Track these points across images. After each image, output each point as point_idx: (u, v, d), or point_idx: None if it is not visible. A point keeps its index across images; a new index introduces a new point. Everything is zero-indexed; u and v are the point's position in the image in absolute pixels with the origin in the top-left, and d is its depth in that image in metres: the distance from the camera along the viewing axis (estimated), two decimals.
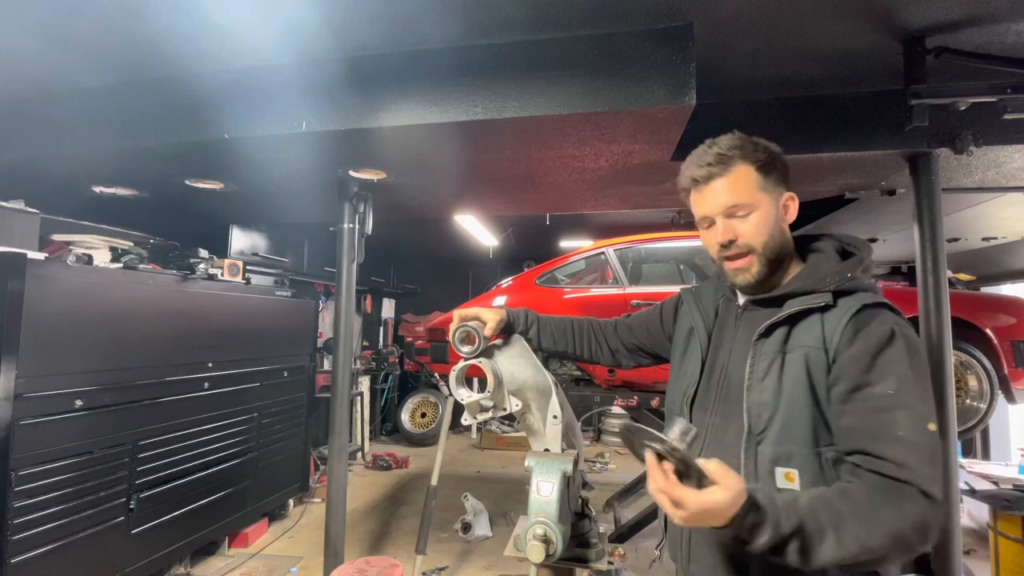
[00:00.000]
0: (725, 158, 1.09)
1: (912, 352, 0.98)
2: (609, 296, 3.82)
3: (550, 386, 1.41)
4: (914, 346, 0.99)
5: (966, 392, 3.34)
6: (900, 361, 0.96)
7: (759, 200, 1.08)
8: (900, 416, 0.92)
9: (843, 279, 1.05)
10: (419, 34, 1.97)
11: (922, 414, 0.93)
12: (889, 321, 1.00)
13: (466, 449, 6.82)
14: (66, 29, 1.96)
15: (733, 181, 1.08)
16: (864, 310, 1.01)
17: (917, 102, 1.99)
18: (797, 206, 1.13)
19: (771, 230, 1.09)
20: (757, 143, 1.11)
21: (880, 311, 1.01)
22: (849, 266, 1.08)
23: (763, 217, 1.08)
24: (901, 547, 0.87)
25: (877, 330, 0.98)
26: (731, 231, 1.09)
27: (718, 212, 1.10)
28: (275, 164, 2.72)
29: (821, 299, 1.04)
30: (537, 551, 1.15)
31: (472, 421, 1.40)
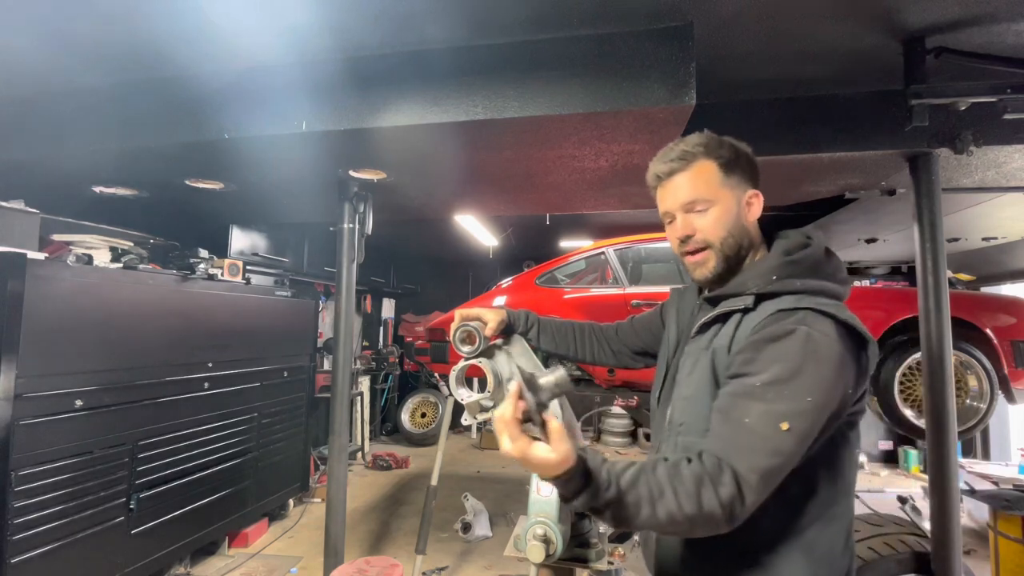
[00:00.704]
0: (688, 155, 1.10)
1: (804, 353, 0.93)
2: (609, 296, 3.82)
3: None
4: (811, 347, 0.93)
5: (966, 392, 3.34)
6: (785, 359, 0.93)
7: (719, 196, 1.09)
8: (755, 407, 0.92)
9: (766, 282, 1.04)
10: (419, 34, 1.97)
11: (779, 412, 0.90)
12: (795, 321, 0.96)
13: (466, 449, 6.82)
14: (66, 29, 1.96)
15: (694, 176, 1.10)
16: (777, 314, 0.99)
17: (917, 102, 1.99)
18: (761, 204, 1.13)
19: (730, 226, 1.09)
20: (723, 141, 1.12)
21: (793, 313, 0.97)
22: (776, 268, 1.05)
23: (722, 213, 1.09)
24: (707, 523, 0.87)
25: (773, 329, 0.97)
26: (689, 226, 1.10)
27: (677, 207, 1.12)
28: (275, 164, 2.72)
29: (742, 302, 1.05)
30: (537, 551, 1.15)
31: (472, 421, 1.40)
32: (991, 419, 3.39)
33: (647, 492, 0.88)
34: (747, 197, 1.11)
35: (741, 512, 0.87)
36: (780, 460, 0.89)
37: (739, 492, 0.87)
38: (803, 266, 1.05)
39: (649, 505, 0.87)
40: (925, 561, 2.21)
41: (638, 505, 0.87)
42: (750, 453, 0.89)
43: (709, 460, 0.89)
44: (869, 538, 2.31)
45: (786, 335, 0.95)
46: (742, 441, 0.90)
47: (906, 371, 3.38)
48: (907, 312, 3.37)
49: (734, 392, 0.96)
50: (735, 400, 0.95)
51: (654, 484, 0.88)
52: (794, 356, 0.93)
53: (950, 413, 2.19)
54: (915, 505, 4.35)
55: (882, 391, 3.41)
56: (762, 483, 0.88)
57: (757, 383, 0.93)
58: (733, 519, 0.87)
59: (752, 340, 0.98)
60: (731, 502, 0.86)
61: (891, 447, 6.35)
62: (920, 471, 5.85)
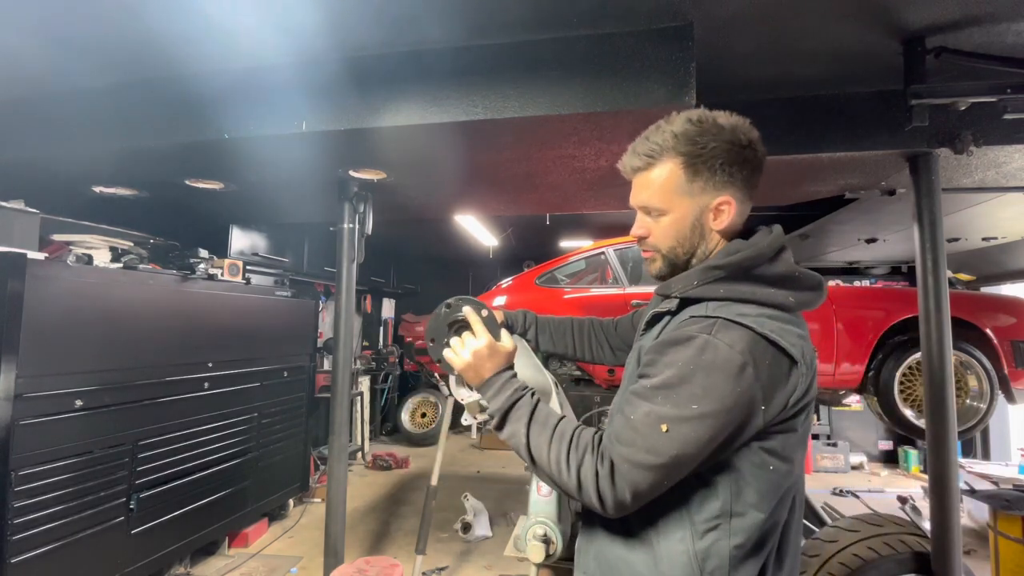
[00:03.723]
0: (655, 151, 1.02)
1: (696, 362, 0.91)
2: (609, 296, 3.82)
3: (550, 386, 1.41)
4: (706, 357, 0.91)
5: (966, 392, 3.34)
6: (674, 365, 0.93)
7: (673, 205, 1.03)
8: (642, 406, 0.94)
9: (687, 287, 1.01)
10: (419, 34, 1.97)
11: (662, 415, 0.91)
12: (699, 329, 0.94)
13: (466, 449, 6.82)
14: (66, 29, 1.96)
15: (653, 180, 1.03)
16: (688, 320, 0.98)
17: (917, 102, 1.98)
18: (734, 210, 1.02)
19: (681, 236, 1.04)
20: (705, 131, 1.00)
21: (703, 321, 0.95)
22: (699, 273, 1.01)
23: (674, 222, 1.04)
24: (580, 492, 0.95)
25: (678, 332, 0.96)
26: (643, 227, 1.09)
27: (635, 206, 1.10)
28: (275, 164, 2.72)
29: (667, 306, 1.05)
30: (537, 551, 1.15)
31: (472, 421, 1.40)
32: (991, 419, 3.39)
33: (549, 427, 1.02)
34: (715, 204, 1.02)
35: (610, 497, 0.93)
36: (655, 459, 0.91)
37: (612, 478, 0.92)
38: (731, 269, 0.99)
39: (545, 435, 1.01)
40: (925, 561, 2.21)
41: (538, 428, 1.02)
42: (628, 446, 0.93)
43: (600, 441, 0.98)
44: (869, 538, 2.32)
45: (685, 341, 0.94)
46: (625, 435, 0.94)
47: (906, 371, 3.38)
48: (907, 312, 3.37)
49: (633, 391, 0.98)
50: (629, 398, 0.98)
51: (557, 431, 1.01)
52: (686, 364, 0.92)
53: (950, 413, 2.19)
54: (915, 505, 4.36)
55: (882, 391, 3.41)
56: (635, 475, 0.91)
57: (649, 385, 0.95)
58: (603, 501, 0.93)
59: (656, 343, 0.99)
60: (602, 483, 0.93)
61: (891, 447, 6.35)
62: (920, 471, 5.85)
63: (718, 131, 1.00)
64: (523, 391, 1.08)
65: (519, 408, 1.06)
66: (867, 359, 3.44)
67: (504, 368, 1.13)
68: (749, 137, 1.02)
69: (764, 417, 0.92)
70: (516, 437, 1.04)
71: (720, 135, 1.00)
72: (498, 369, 1.12)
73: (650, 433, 0.92)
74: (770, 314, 0.96)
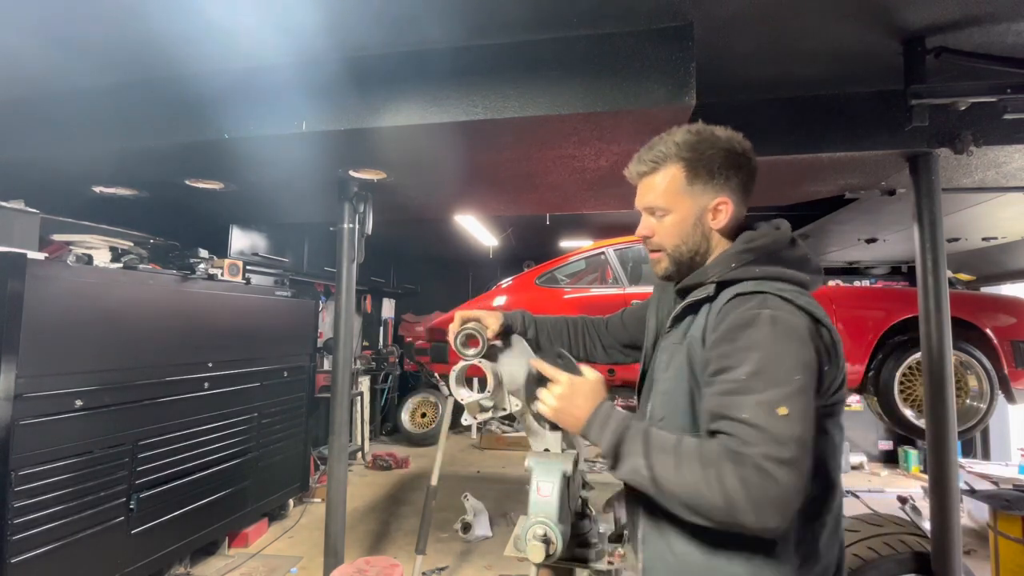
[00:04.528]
0: (660, 158, 1.12)
1: (778, 337, 0.95)
2: (609, 296, 3.82)
3: None
4: (784, 330, 0.95)
5: (966, 392, 3.34)
6: (757, 346, 0.94)
7: (677, 205, 1.12)
8: (747, 401, 0.92)
9: (724, 270, 1.07)
10: (419, 34, 1.97)
11: (771, 399, 0.91)
12: (757, 305, 0.98)
13: (466, 449, 6.82)
14: (66, 29, 1.96)
15: (658, 182, 1.13)
16: (736, 298, 1.01)
17: (917, 102, 1.99)
18: (731, 210, 1.11)
19: (685, 234, 1.12)
20: (703, 139, 1.10)
21: (752, 297, 0.99)
22: (732, 257, 1.08)
23: (677, 221, 1.12)
24: (734, 509, 0.87)
25: (739, 316, 0.98)
26: (647, 227, 1.17)
27: (641, 208, 1.18)
28: (275, 164, 2.72)
29: (703, 292, 1.08)
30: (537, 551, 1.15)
31: (472, 421, 1.40)
32: (991, 419, 3.39)
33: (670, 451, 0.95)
34: (714, 205, 1.11)
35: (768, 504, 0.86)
36: (789, 451, 0.88)
37: (762, 483, 0.86)
38: (761, 252, 1.07)
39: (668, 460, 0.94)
40: (925, 561, 2.21)
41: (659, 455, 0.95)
42: (757, 445, 0.88)
43: (719, 446, 0.92)
44: (869, 538, 2.32)
45: (752, 321, 0.96)
46: (749, 436, 0.89)
47: (906, 371, 3.38)
48: (907, 312, 3.37)
49: (725, 391, 0.95)
50: (729, 399, 0.94)
51: (683, 451, 0.95)
52: (767, 341, 0.94)
53: (950, 413, 2.19)
54: (915, 505, 4.36)
55: (882, 391, 3.41)
56: (780, 474, 0.86)
57: (742, 376, 0.94)
58: (759, 511, 0.86)
59: (722, 333, 0.99)
60: (754, 491, 0.86)
61: (891, 447, 6.35)
62: (920, 471, 5.85)
63: (715, 140, 1.11)
64: (627, 421, 1.02)
65: (630, 441, 0.99)
66: (867, 359, 3.44)
67: (600, 403, 1.06)
68: (743, 147, 1.13)
69: (827, 381, 0.99)
70: (636, 473, 0.97)
71: (717, 143, 1.10)
72: (593, 406, 1.06)
73: (772, 423, 0.89)
74: (799, 291, 1.03)
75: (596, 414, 1.05)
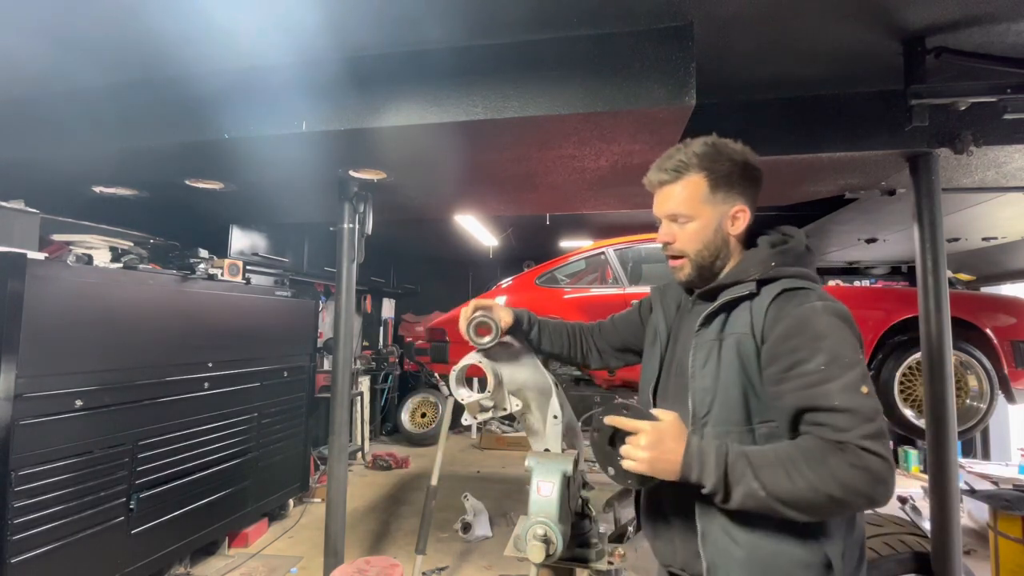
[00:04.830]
0: (681, 167, 1.18)
1: (837, 324, 1.03)
2: (609, 296, 3.82)
3: (550, 386, 1.41)
4: (839, 317, 1.04)
5: (966, 392, 3.34)
6: (825, 336, 1.02)
7: (700, 212, 1.17)
8: (833, 387, 0.98)
9: (765, 268, 1.13)
10: (419, 34, 1.97)
11: (853, 381, 0.98)
12: (810, 300, 1.06)
13: (466, 449, 6.82)
14: (66, 29, 1.96)
15: (680, 190, 1.18)
16: (783, 293, 1.08)
17: (917, 102, 1.99)
18: (748, 217, 1.19)
19: (706, 240, 1.18)
20: (722, 154, 1.17)
21: (800, 292, 1.08)
22: (771, 256, 1.15)
23: (700, 228, 1.18)
24: (853, 494, 0.94)
25: (798, 310, 1.05)
26: (669, 235, 1.21)
27: (663, 216, 1.22)
28: (275, 164, 2.72)
29: (745, 288, 1.12)
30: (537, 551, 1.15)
31: (472, 421, 1.40)
32: (991, 419, 3.39)
33: (777, 456, 0.98)
34: (732, 212, 1.18)
35: (881, 483, 0.94)
36: (879, 423, 0.97)
37: (874, 460, 0.93)
38: (791, 256, 1.16)
39: (783, 467, 0.96)
40: (925, 561, 2.21)
41: (772, 468, 0.97)
42: (855, 428, 0.95)
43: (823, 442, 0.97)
44: (869, 538, 2.31)
45: (812, 314, 1.04)
46: (842, 421, 0.96)
47: (906, 371, 3.38)
48: (907, 312, 3.37)
49: (807, 384, 1.00)
50: (814, 391, 0.99)
51: (782, 451, 0.99)
52: (831, 329, 1.02)
53: (950, 413, 2.19)
54: (915, 505, 4.36)
55: (882, 391, 3.41)
56: (880, 448, 0.94)
57: (821, 365, 1.00)
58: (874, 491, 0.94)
59: (786, 328, 1.04)
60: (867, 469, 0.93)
61: (891, 447, 6.34)
62: (920, 471, 5.85)
63: (733, 153, 1.18)
64: (722, 449, 1.01)
65: (735, 468, 0.99)
66: (867, 359, 3.43)
67: (688, 441, 1.03)
68: (755, 160, 1.21)
69: None
70: (751, 497, 0.97)
71: (735, 156, 1.18)
72: (683, 446, 1.03)
73: (860, 403, 0.97)
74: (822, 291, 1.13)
75: (690, 453, 1.02)
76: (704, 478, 1.00)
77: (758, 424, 1.08)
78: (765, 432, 1.08)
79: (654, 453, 1.02)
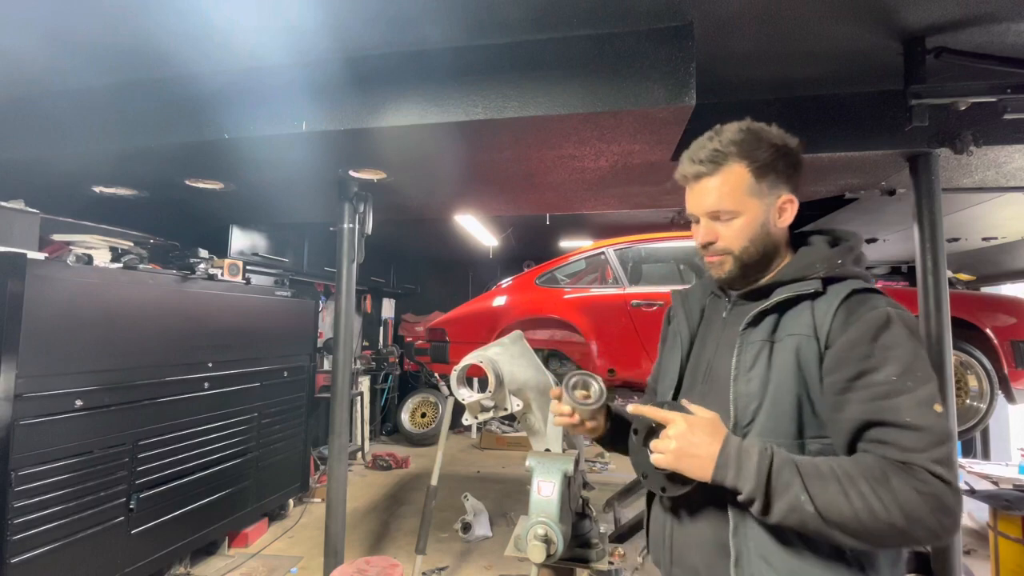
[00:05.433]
0: (719, 156, 1.05)
1: (910, 334, 0.94)
2: (609, 296, 3.82)
3: (551, 386, 1.41)
4: (911, 328, 0.95)
5: (966, 392, 3.34)
6: (899, 345, 0.92)
7: (745, 206, 1.05)
8: (904, 401, 0.88)
9: (832, 266, 1.03)
10: (419, 34, 1.97)
11: (926, 397, 0.89)
12: (882, 305, 0.96)
13: (466, 449, 6.82)
14: (66, 29, 1.96)
15: (720, 183, 1.05)
16: (854, 295, 0.97)
17: (917, 102, 1.99)
18: (796, 208, 1.09)
19: (753, 236, 1.06)
20: (761, 138, 1.06)
21: (871, 296, 0.98)
22: (839, 253, 1.05)
23: (747, 223, 1.06)
24: (915, 524, 0.83)
25: (871, 315, 0.94)
26: (711, 233, 1.08)
27: (702, 213, 1.09)
28: (275, 164, 2.72)
29: (810, 286, 1.01)
30: (538, 551, 1.15)
31: (472, 421, 1.40)
32: (991, 419, 3.39)
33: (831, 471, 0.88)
34: (780, 203, 1.07)
35: (950, 515, 0.84)
36: (950, 447, 0.88)
37: (942, 488, 0.84)
38: (854, 255, 1.07)
39: (837, 483, 0.86)
40: (925, 561, 2.21)
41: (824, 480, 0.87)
42: (925, 450, 0.86)
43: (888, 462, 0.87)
44: None
45: (886, 320, 0.93)
46: (910, 441, 0.87)
47: None
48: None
49: (876, 395, 0.90)
50: (883, 404, 0.90)
51: (840, 465, 0.88)
52: (905, 338, 0.93)
53: (950, 413, 2.19)
54: None
55: None
56: (950, 476, 0.85)
57: (893, 376, 0.90)
58: (942, 523, 0.84)
59: (856, 333, 0.93)
60: (936, 498, 0.84)
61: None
62: None
63: (773, 137, 1.07)
64: (767, 451, 0.91)
65: (780, 473, 0.89)
66: None
67: (725, 437, 0.94)
68: (795, 144, 1.10)
69: None
70: (797, 511, 0.87)
71: (775, 140, 1.07)
72: (719, 442, 0.93)
73: (933, 422, 0.87)
74: None
75: (727, 450, 0.92)
76: (741, 481, 0.90)
77: (810, 439, 0.96)
78: (817, 449, 0.96)
79: (682, 444, 0.94)
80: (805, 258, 1.08)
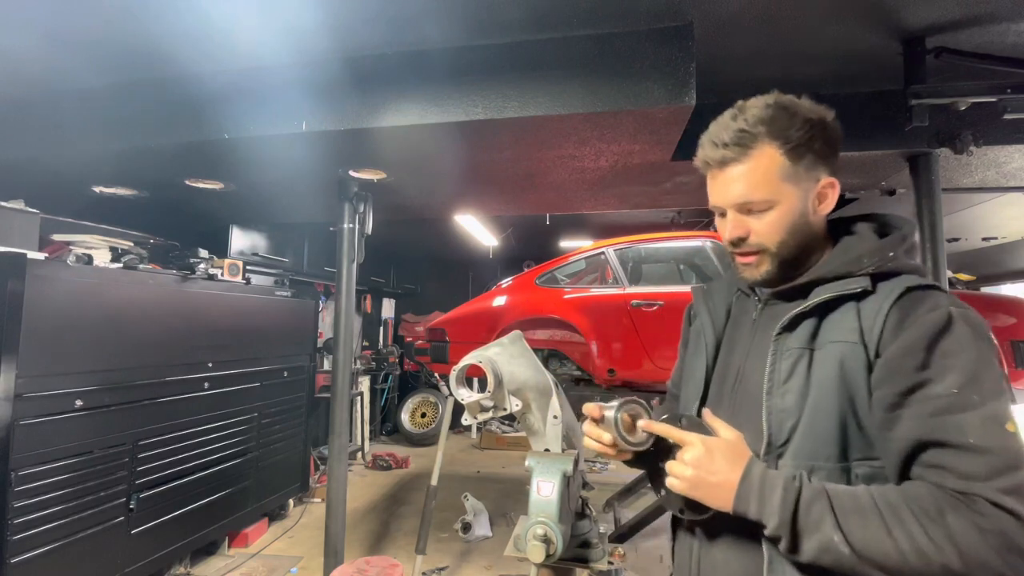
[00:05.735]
0: (746, 137, 0.89)
1: (977, 338, 0.78)
2: (609, 296, 3.82)
3: (550, 386, 1.41)
4: (979, 330, 0.79)
5: None
6: (962, 351, 0.77)
7: (781, 194, 0.89)
8: (968, 419, 0.74)
9: (883, 259, 0.86)
10: (419, 34, 1.97)
11: (995, 413, 0.75)
12: (943, 304, 0.80)
13: (466, 449, 6.82)
14: (66, 29, 1.96)
15: (751, 170, 0.89)
16: (909, 293, 0.82)
17: (917, 102, 1.99)
18: (837, 193, 0.93)
19: (792, 227, 0.90)
20: (795, 114, 0.89)
21: (930, 294, 0.82)
22: (890, 244, 0.89)
23: (783, 214, 0.90)
24: (976, 567, 0.71)
25: (929, 317, 0.79)
26: (742, 228, 0.92)
27: (729, 205, 0.93)
28: (275, 164, 2.72)
29: (857, 284, 0.85)
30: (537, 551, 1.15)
31: (472, 421, 1.40)
32: None
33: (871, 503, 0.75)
34: (820, 188, 0.91)
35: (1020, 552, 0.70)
36: (1023, 471, 0.73)
37: (1009, 523, 0.70)
38: (907, 245, 0.90)
39: (878, 517, 0.74)
40: None
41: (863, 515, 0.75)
42: (993, 478, 0.72)
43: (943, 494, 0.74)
44: None
45: (947, 323, 0.79)
46: (975, 468, 0.73)
47: None
48: None
49: (933, 411, 0.76)
50: (942, 420, 0.76)
51: (883, 496, 0.75)
52: (971, 344, 0.78)
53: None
54: None
55: None
56: (1019, 506, 0.71)
57: (954, 388, 0.76)
58: (1012, 561, 0.70)
59: (912, 338, 0.79)
60: (1000, 534, 0.70)
61: None
62: None
63: (806, 111, 0.91)
64: (796, 481, 0.79)
65: (810, 506, 0.77)
66: None
67: (748, 463, 0.83)
68: (830, 115, 0.94)
69: None
70: (830, 552, 0.75)
71: (809, 114, 0.90)
72: (741, 469, 0.83)
73: (1002, 443, 0.73)
74: None
75: (749, 478, 0.81)
76: (765, 515, 0.79)
77: (857, 462, 0.82)
78: (865, 474, 0.82)
79: (699, 471, 0.83)
80: (850, 251, 0.91)
